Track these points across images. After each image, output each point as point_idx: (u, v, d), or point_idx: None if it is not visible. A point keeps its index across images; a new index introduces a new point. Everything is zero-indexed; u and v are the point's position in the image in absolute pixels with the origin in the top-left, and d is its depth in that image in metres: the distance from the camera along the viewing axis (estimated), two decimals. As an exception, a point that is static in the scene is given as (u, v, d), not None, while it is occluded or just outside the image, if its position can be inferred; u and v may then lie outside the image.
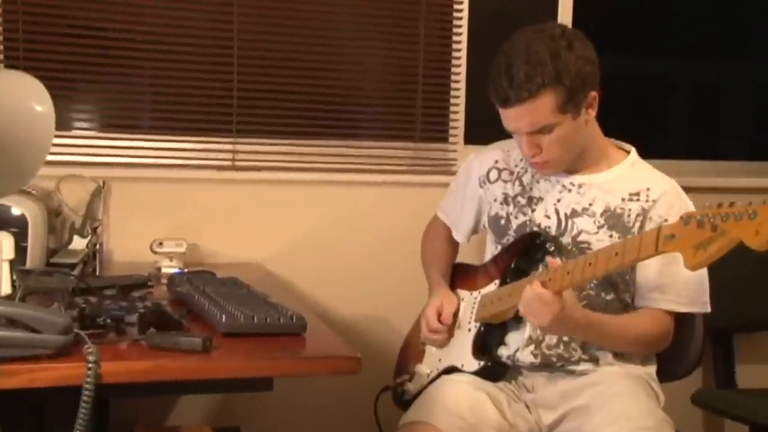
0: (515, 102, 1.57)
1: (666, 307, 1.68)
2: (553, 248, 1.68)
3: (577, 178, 1.73)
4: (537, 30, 1.62)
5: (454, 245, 2.02)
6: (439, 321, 1.79)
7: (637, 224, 1.66)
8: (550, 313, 1.51)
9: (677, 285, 1.66)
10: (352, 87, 2.64)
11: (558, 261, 1.56)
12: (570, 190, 1.73)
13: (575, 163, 1.71)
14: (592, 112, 1.66)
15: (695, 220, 1.31)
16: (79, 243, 2.22)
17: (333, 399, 2.54)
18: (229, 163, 2.51)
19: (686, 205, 1.68)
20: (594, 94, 1.63)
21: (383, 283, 2.59)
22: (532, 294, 1.52)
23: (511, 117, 1.60)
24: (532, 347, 1.71)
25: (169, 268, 2.17)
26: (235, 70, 2.48)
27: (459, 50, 2.68)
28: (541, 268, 1.68)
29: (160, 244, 2.23)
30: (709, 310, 1.71)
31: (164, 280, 1.95)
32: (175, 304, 1.68)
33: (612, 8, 3.05)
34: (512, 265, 1.72)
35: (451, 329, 1.79)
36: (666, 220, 1.63)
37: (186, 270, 2.11)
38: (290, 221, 2.54)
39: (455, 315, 1.80)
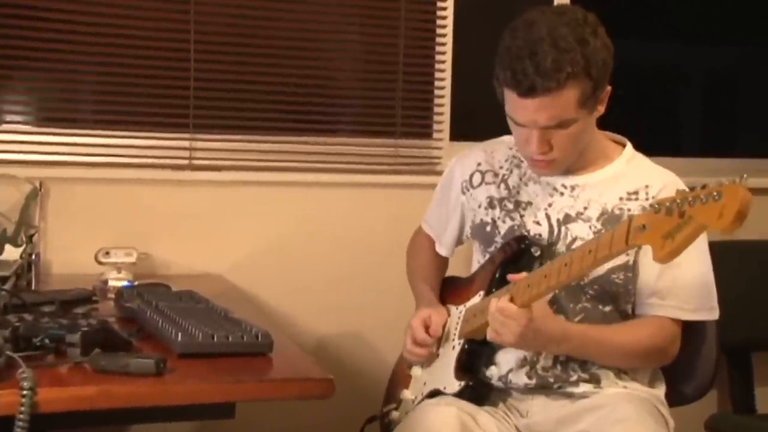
0: (541, 92, 1.56)
1: (668, 314, 1.70)
2: (539, 253, 1.70)
3: (569, 180, 1.75)
4: (557, 12, 1.63)
5: (442, 259, 2.03)
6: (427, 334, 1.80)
7: None
8: (518, 327, 1.53)
9: (679, 289, 1.68)
10: (324, 77, 2.65)
11: (522, 274, 1.58)
12: (562, 194, 1.75)
13: (572, 162, 1.73)
14: (602, 109, 1.69)
15: (665, 207, 1.32)
16: (11, 253, 2.21)
17: (307, 429, 2.54)
18: (185, 161, 2.51)
19: None
20: (609, 88, 1.66)
21: (361, 296, 2.60)
22: (494, 309, 1.55)
23: (529, 108, 1.60)
24: (526, 368, 1.72)
25: (117, 280, 2.16)
26: (191, 57, 2.48)
27: (444, 35, 2.70)
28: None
29: (107, 253, 2.22)
30: (717, 316, 1.73)
31: (111, 295, 1.94)
32: (124, 322, 1.68)
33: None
34: (497, 274, 1.74)
35: (437, 344, 1.80)
36: None
37: (136, 283, 2.11)
38: (255, 227, 2.54)
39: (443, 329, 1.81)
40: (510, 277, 1.61)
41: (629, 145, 1.80)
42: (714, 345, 1.88)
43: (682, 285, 1.68)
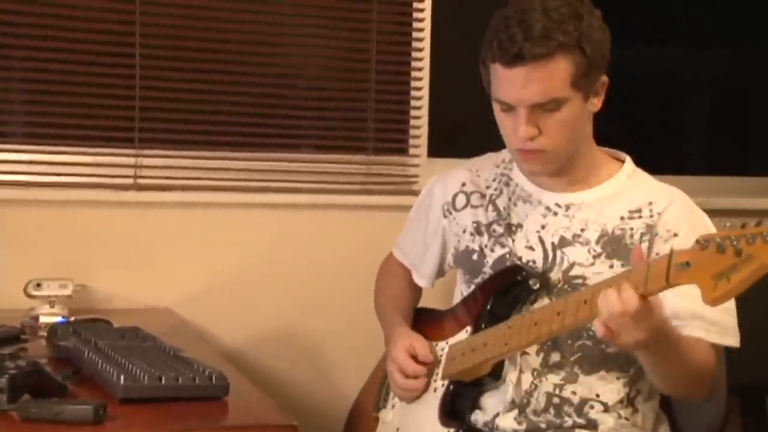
0: (528, 59, 1.60)
1: (694, 334, 1.68)
2: (537, 286, 1.72)
3: (563, 197, 1.77)
4: None
5: (416, 290, 2.04)
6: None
7: (644, 245, 1.70)
8: (646, 328, 1.46)
9: (702, 309, 1.67)
10: (286, 86, 2.66)
11: (642, 251, 1.55)
12: (556, 213, 1.77)
13: (563, 173, 1.75)
14: (598, 103, 1.72)
15: (715, 243, 1.33)
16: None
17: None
18: (130, 181, 2.51)
19: (698, 215, 1.74)
20: (605, 79, 1.71)
21: (328, 332, 2.60)
22: (618, 302, 1.45)
23: (516, 80, 1.62)
24: (515, 413, 1.73)
25: (50, 316, 2.15)
26: (137, 63, 2.48)
27: (421, 39, 2.73)
28: (523, 310, 1.71)
29: (38, 285, 2.21)
30: (738, 344, 1.74)
31: (43, 333, 1.93)
32: (58, 363, 1.67)
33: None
34: (487, 308, 1.75)
35: (429, 373, 1.80)
36: (675, 234, 1.67)
37: (72, 318, 2.10)
38: (208, 254, 2.54)
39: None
40: (635, 252, 1.53)
41: (629, 160, 1.83)
42: (724, 386, 1.90)
43: (706, 306, 1.67)
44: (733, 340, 1.73)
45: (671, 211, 1.72)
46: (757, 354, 2.57)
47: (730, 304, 1.72)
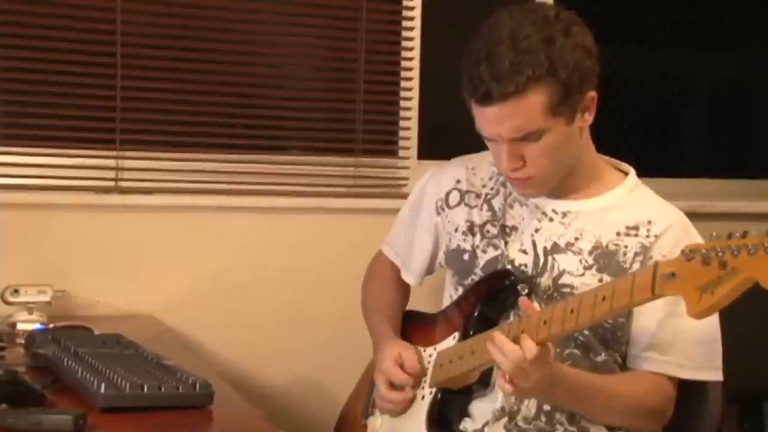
0: (497, 98, 1.61)
1: (666, 371, 1.73)
2: (526, 291, 1.73)
3: (561, 204, 1.78)
4: (525, 10, 1.68)
5: (405, 290, 2.05)
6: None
7: (636, 265, 1.71)
8: (539, 373, 1.53)
9: (681, 344, 1.71)
10: (272, 86, 2.67)
11: (535, 305, 1.60)
12: (552, 219, 1.78)
13: (561, 182, 1.77)
14: (589, 118, 1.72)
15: (700, 254, 1.34)
16: None
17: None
18: (111, 183, 2.51)
19: (695, 240, 1.74)
20: (593, 94, 1.70)
21: (315, 339, 2.61)
22: (517, 353, 1.53)
23: (490, 118, 1.65)
24: (504, 420, 1.73)
25: (28, 323, 2.15)
26: (118, 62, 2.49)
27: (411, 38, 2.74)
28: (512, 316, 1.72)
29: (15, 291, 2.21)
30: (721, 378, 1.76)
31: (21, 340, 1.94)
32: (37, 372, 1.67)
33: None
34: (475, 313, 1.76)
35: (416, 386, 1.81)
36: None
37: (51, 325, 2.10)
38: (192, 259, 2.54)
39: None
40: (523, 302, 1.61)
41: (632, 173, 1.83)
42: (719, 395, 1.90)
43: (684, 338, 1.70)
44: (711, 375, 1.75)
45: (668, 235, 1.72)
46: (754, 361, 2.60)
47: (716, 338, 1.74)
